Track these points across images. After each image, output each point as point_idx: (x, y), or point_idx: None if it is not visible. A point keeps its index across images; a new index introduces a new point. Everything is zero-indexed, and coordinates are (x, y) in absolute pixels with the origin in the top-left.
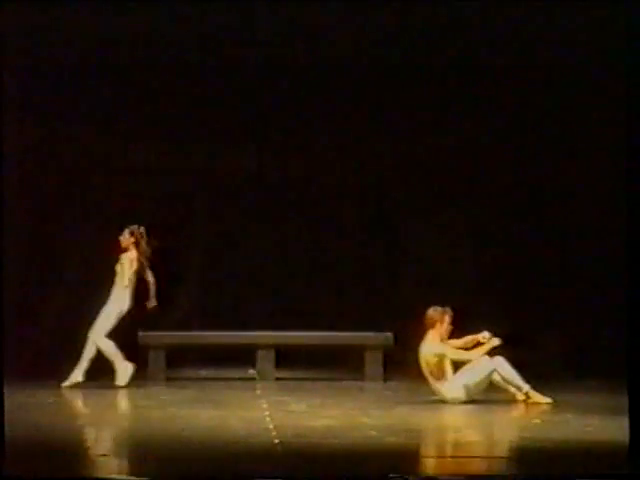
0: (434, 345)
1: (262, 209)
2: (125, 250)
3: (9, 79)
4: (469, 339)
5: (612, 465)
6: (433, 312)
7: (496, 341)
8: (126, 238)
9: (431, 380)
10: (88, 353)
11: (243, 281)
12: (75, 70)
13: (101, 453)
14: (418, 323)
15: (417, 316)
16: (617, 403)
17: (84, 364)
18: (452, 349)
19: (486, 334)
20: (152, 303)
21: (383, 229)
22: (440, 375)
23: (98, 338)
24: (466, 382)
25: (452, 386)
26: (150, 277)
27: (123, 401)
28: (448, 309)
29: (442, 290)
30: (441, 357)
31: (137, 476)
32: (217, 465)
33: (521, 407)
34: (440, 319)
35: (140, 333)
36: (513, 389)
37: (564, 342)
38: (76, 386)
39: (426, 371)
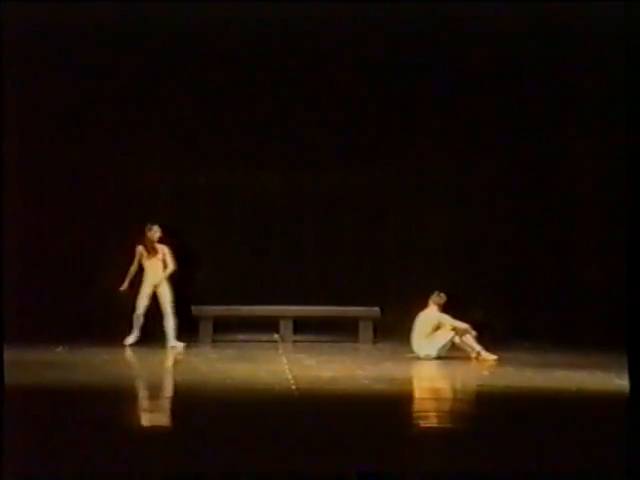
0: (438, 314)
1: (288, 218)
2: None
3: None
4: (462, 327)
5: (540, 403)
6: (437, 297)
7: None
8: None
9: (421, 337)
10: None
11: (271, 272)
12: (80, 73)
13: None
14: (401, 301)
15: (399, 296)
16: (545, 360)
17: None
18: (449, 318)
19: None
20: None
21: (375, 232)
22: (430, 334)
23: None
24: (440, 345)
25: (431, 345)
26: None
27: (181, 357)
28: (443, 294)
29: (418, 278)
30: (441, 323)
31: (193, 411)
32: (251, 404)
33: (474, 363)
34: (440, 301)
35: (193, 307)
36: (469, 349)
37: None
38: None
39: (422, 330)
